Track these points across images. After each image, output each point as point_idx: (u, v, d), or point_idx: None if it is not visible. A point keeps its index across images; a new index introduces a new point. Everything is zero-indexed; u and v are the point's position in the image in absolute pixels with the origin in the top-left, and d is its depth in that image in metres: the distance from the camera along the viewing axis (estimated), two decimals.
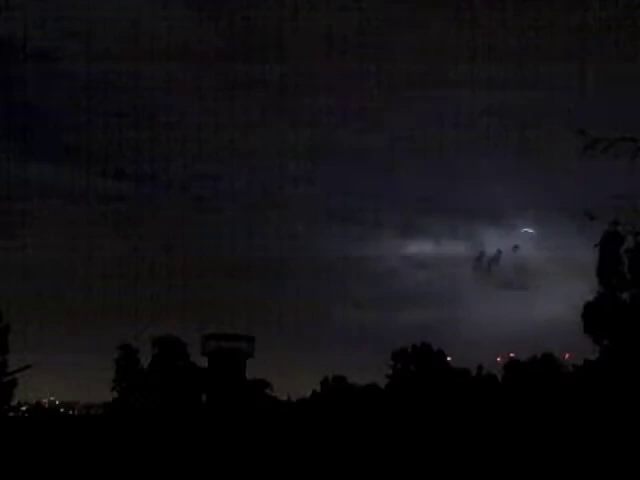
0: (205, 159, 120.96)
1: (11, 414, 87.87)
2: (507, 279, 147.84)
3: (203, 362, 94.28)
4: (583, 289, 55.53)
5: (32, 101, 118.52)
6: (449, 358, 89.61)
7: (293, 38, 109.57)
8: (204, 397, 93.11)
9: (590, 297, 54.39)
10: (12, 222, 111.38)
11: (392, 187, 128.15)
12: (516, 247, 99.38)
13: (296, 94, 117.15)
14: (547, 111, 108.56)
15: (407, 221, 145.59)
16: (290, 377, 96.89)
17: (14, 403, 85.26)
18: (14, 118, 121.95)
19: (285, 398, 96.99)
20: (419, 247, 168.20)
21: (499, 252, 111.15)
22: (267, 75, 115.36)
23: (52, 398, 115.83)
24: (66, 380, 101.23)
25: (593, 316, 53.71)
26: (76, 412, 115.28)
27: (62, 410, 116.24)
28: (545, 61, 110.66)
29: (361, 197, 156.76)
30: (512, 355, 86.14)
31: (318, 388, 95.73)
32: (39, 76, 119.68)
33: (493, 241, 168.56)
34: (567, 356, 79.75)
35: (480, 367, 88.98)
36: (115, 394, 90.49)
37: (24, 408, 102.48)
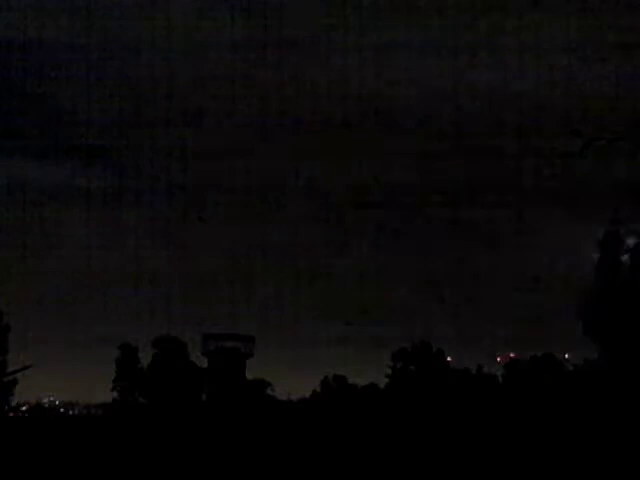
0: (207, 157, 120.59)
1: (11, 414, 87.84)
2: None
3: (203, 362, 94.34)
4: (583, 289, 55.50)
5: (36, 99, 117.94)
6: (449, 358, 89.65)
7: None
8: (204, 397, 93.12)
9: (590, 297, 54.34)
10: (11, 222, 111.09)
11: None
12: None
13: None
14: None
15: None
16: (290, 377, 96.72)
17: (14, 403, 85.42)
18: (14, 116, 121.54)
19: (285, 398, 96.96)
20: None
21: None
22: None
23: (52, 398, 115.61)
24: (66, 380, 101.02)
25: (593, 316, 53.67)
26: (76, 412, 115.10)
27: (62, 410, 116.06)
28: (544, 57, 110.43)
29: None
30: (512, 355, 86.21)
31: (318, 388, 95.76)
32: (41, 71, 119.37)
33: None
34: (567, 356, 79.80)
35: (480, 367, 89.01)
36: (115, 394, 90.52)
37: (24, 408, 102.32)
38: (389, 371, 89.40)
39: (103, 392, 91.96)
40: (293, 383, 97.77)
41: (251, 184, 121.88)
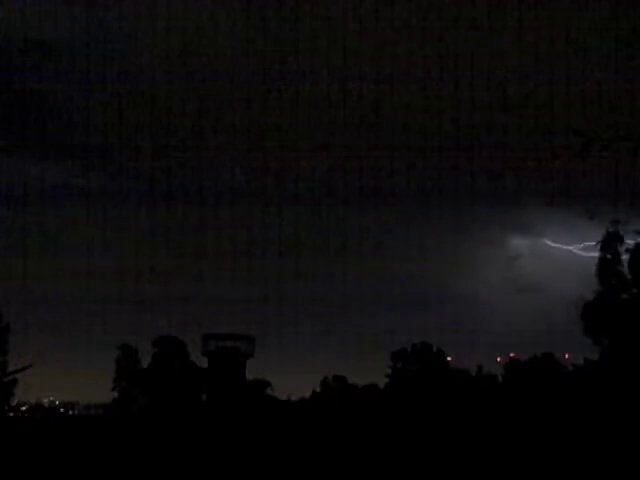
0: (207, 157, 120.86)
1: (11, 414, 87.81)
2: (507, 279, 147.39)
3: (203, 362, 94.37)
4: (583, 289, 55.50)
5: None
6: (449, 358, 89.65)
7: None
8: (204, 397, 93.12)
9: (590, 297, 54.37)
10: (11, 222, 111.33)
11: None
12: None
13: None
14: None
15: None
16: (290, 377, 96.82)
17: (14, 403, 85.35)
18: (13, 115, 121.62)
19: (285, 398, 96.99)
20: None
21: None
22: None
23: (52, 398, 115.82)
24: (66, 380, 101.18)
25: (593, 316, 53.67)
26: (76, 412, 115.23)
27: (62, 410, 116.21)
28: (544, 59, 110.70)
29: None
30: (512, 355, 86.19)
31: (318, 388, 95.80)
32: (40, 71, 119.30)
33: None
34: (567, 356, 79.78)
35: (480, 367, 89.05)
36: (115, 394, 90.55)
37: (24, 408, 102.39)
38: (389, 371, 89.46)
39: (103, 392, 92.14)
40: (293, 383, 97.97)
41: (251, 183, 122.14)
